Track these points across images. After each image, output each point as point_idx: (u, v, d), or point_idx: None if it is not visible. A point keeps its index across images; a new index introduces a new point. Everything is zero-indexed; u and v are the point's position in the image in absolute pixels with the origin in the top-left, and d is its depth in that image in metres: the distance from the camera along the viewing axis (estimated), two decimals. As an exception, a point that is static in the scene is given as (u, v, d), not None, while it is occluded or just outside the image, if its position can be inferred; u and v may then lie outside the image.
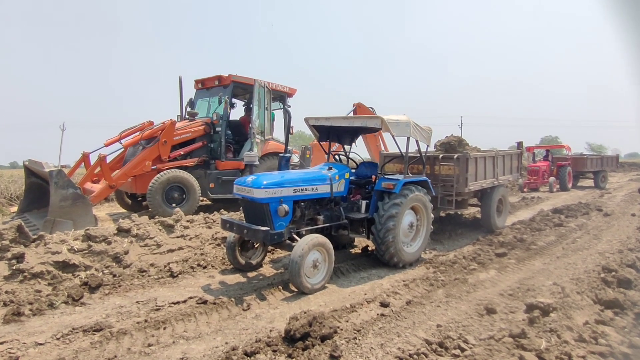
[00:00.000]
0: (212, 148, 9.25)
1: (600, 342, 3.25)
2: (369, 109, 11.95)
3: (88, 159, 8.27)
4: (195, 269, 5.32)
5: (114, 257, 5.28)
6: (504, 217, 8.46)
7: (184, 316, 3.91)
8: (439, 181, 7.28)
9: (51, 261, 4.79)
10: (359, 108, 11.91)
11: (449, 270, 5.45)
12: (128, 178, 8.01)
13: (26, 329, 3.68)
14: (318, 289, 4.65)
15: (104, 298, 4.44)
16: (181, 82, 9.77)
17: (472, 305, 4.21)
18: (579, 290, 4.50)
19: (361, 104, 11.96)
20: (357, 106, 11.92)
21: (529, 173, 16.09)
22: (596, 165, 17.00)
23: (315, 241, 4.60)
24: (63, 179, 6.61)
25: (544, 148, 19.22)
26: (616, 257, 5.82)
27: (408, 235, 5.79)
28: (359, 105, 11.93)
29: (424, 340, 3.41)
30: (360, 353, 3.22)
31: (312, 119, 6.08)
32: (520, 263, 5.83)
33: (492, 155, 7.98)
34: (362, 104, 11.98)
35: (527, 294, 4.45)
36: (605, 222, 8.71)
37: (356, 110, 11.86)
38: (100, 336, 3.50)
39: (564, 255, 6.17)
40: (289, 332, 3.33)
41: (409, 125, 5.56)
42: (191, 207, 8.09)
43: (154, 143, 8.24)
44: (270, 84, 9.69)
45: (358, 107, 11.92)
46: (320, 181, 5.30)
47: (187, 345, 3.38)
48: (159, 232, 6.09)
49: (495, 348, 3.18)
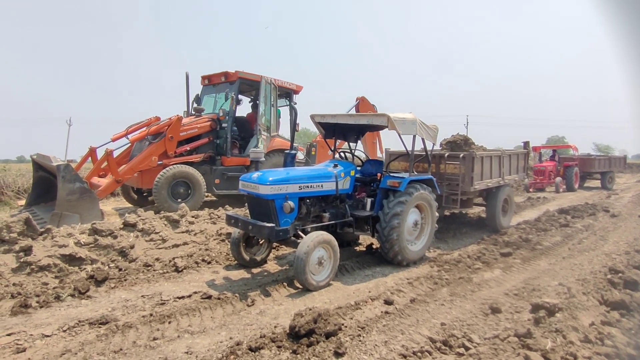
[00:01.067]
0: (218, 144, 9.28)
1: (606, 343, 3.23)
2: (372, 104, 11.92)
3: (95, 154, 8.33)
4: (200, 264, 5.34)
5: (119, 251, 5.32)
6: (509, 217, 8.42)
7: (188, 311, 3.93)
8: (445, 180, 7.25)
9: (58, 254, 4.84)
10: (362, 102, 11.88)
11: (453, 269, 5.43)
12: (134, 173, 8.06)
13: (33, 320, 3.72)
14: (323, 286, 4.66)
15: (110, 291, 4.48)
16: (188, 78, 9.80)
17: (477, 305, 4.20)
18: (585, 291, 4.47)
19: (364, 98, 11.93)
20: (360, 100, 11.89)
21: (535, 173, 15.97)
22: (603, 166, 16.85)
23: (320, 238, 4.60)
24: (70, 173, 6.66)
25: (550, 148, 19.10)
26: (623, 258, 5.78)
27: (412, 234, 5.78)
28: (362, 99, 11.90)
29: (428, 338, 3.41)
30: (365, 350, 3.23)
31: (318, 116, 6.08)
32: (526, 263, 5.80)
33: (498, 154, 7.93)
34: (365, 97, 11.95)
35: (533, 294, 4.43)
36: (612, 223, 8.64)
37: (359, 104, 11.83)
38: (106, 329, 3.53)
39: (570, 256, 6.13)
40: (294, 329, 3.34)
41: (415, 124, 5.54)
42: (196, 202, 8.12)
43: (161, 138, 8.28)
44: (277, 81, 9.70)
45: (361, 101, 11.89)
46: (326, 178, 5.30)
47: (192, 340, 3.40)
48: (164, 227, 6.12)
49: (500, 347, 3.17)
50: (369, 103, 11.96)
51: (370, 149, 12.01)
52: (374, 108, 11.80)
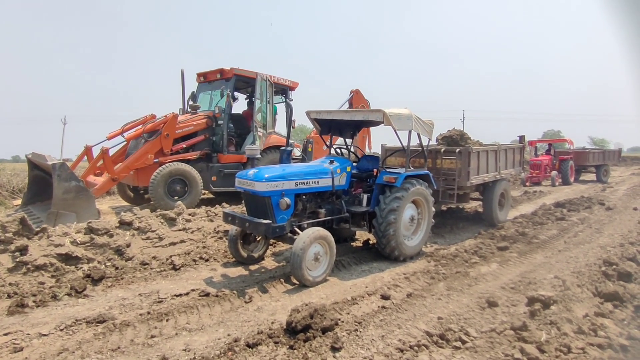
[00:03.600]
0: (214, 141, 9.25)
1: (599, 334, 3.27)
2: (365, 99, 11.90)
3: (91, 152, 8.29)
4: (198, 261, 5.35)
5: (116, 250, 5.31)
6: (506, 211, 8.46)
7: (186, 308, 3.94)
8: (441, 175, 7.26)
9: (54, 253, 4.83)
10: (356, 95, 11.89)
11: (450, 263, 5.46)
12: (130, 171, 8.03)
13: (30, 320, 3.72)
14: (319, 281, 4.68)
15: (107, 290, 4.47)
16: (183, 75, 9.75)
17: (474, 298, 4.23)
18: (580, 283, 4.51)
19: (358, 91, 11.94)
20: (354, 92, 11.91)
21: (531, 167, 16.03)
22: (598, 159, 16.94)
23: (316, 234, 4.62)
24: (66, 171, 6.63)
25: (546, 142, 19.13)
26: (617, 250, 5.83)
27: (409, 229, 5.80)
28: (357, 92, 11.92)
29: (425, 332, 3.43)
30: (361, 344, 3.25)
31: (314, 112, 6.07)
32: (522, 256, 5.84)
33: (494, 149, 7.95)
34: (359, 90, 11.96)
35: (529, 287, 4.47)
36: (607, 216, 8.71)
37: (353, 97, 11.83)
38: (103, 328, 3.53)
39: (565, 249, 6.17)
40: (291, 324, 3.35)
41: (411, 119, 5.55)
42: (193, 200, 8.11)
43: (156, 136, 8.24)
44: (273, 78, 9.66)
45: (355, 94, 11.90)
46: (322, 174, 5.30)
47: (190, 337, 3.41)
48: (160, 225, 6.12)
49: (497, 340, 3.19)
50: (363, 97, 11.96)
51: (361, 143, 12.01)
52: (367, 103, 11.81)
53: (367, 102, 11.90)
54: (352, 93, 11.82)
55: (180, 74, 9.75)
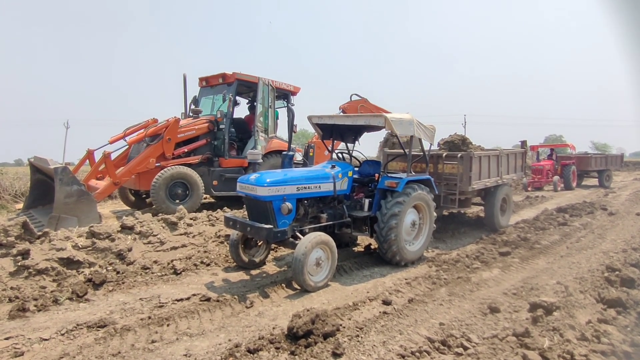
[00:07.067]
0: (215, 146, 9.26)
1: (602, 340, 3.25)
2: (364, 98, 11.90)
3: (93, 156, 8.31)
4: (199, 266, 5.34)
5: (117, 254, 5.31)
6: (508, 216, 8.44)
7: (187, 313, 3.93)
8: (443, 180, 7.26)
9: (56, 258, 4.83)
10: (364, 103, 11.89)
11: (451, 268, 5.44)
12: (132, 175, 8.04)
13: (31, 324, 3.71)
14: (321, 286, 4.66)
15: (108, 295, 4.47)
16: (185, 79, 9.79)
17: (476, 304, 4.21)
18: (582, 289, 4.49)
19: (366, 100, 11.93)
20: (362, 101, 11.90)
21: (533, 172, 16.01)
22: (601, 164, 16.90)
23: (318, 239, 4.61)
24: (68, 175, 6.64)
25: (548, 147, 19.14)
26: (620, 256, 5.80)
27: (410, 234, 5.79)
28: (364, 101, 11.90)
29: (427, 338, 3.41)
30: (363, 350, 3.23)
31: (316, 117, 6.09)
32: (524, 262, 5.82)
33: (496, 154, 7.95)
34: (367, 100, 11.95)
35: (531, 293, 4.44)
36: (609, 222, 8.67)
37: (361, 108, 11.83)
38: (104, 332, 3.53)
39: (568, 255, 6.14)
40: (292, 330, 3.34)
41: (413, 124, 5.55)
42: (194, 203, 8.11)
43: (158, 140, 8.26)
44: (274, 82, 9.69)
45: (364, 102, 11.90)
46: (324, 179, 5.31)
47: (191, 342, 3.40)
48: (162, 229, 6.12)
49: (499, 347, 3.18)
50: (371, 105, 11.95)
51: None
52: (367, 101, 11.77)
53: (377, 108, 11.83)
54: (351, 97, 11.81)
55: (182, 78, 9.79)
